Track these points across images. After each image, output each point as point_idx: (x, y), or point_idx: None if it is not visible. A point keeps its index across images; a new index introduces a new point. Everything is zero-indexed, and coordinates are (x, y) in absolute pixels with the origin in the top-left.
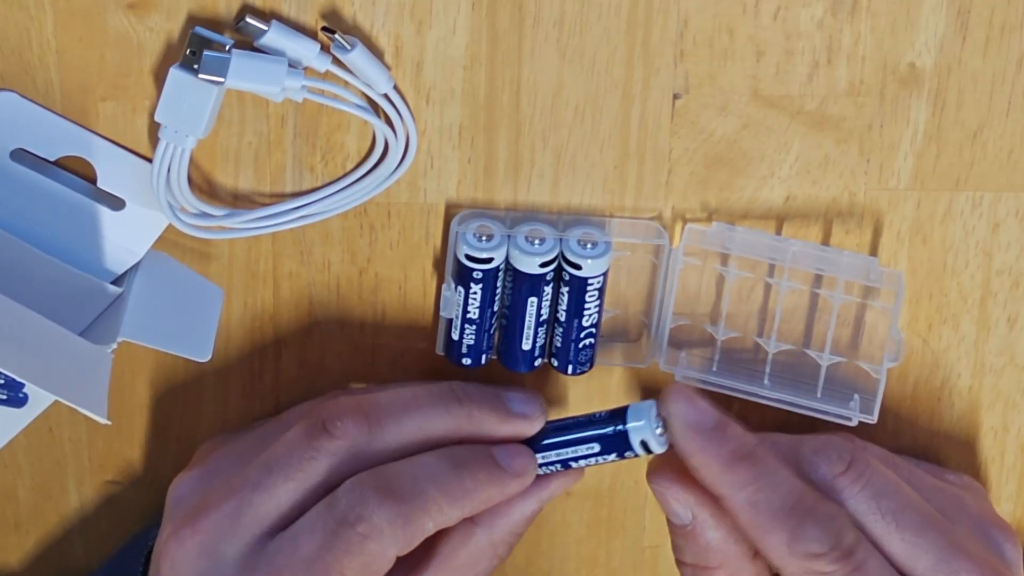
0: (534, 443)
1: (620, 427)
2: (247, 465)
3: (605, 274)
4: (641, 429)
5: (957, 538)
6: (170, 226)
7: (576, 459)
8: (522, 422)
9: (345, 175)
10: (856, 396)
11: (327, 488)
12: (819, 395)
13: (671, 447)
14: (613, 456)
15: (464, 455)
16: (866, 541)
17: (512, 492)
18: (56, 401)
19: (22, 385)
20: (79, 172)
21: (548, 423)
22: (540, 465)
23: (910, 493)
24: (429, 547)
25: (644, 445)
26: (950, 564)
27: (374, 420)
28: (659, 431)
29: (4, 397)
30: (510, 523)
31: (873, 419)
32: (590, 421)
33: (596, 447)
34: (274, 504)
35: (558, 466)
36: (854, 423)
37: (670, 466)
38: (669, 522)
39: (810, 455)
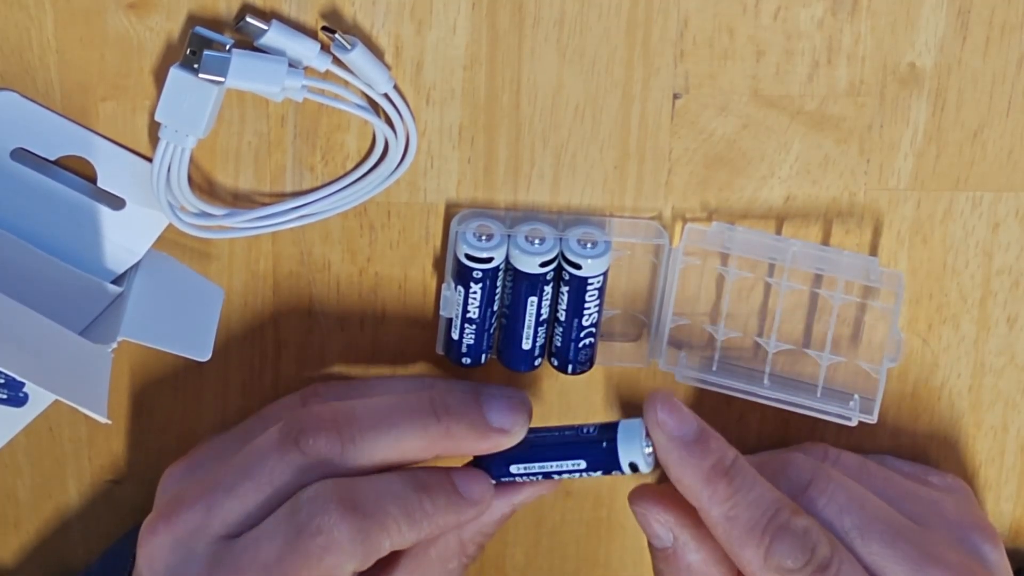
0: (518, 453)
1: (609, 445)
2: (225, 463)
3: (605, 274)
4: (631, 451)
5: (931, 546)
6: (170, 226)
7: (560, 473)
8: (501, 437)
9: (345, 175)
10: (856, 396)
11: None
12: (819, 395)
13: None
14: (599, 473)
15: (425, 479)
16: (843, 551)
17: (468, 519)
18: (56, 400)
19: (22, 384)
20: (79, 172)
21: (532, 431)
22: (521, 475)
23: (877, 505)
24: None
25: (633, 467)
26: (923, 573)
27: (347, 437)
28: (648, 451)
29: (4, 396)
30: (479, 523)
31: (873, 419)
32: (577, 436)
33: (582, 463)
34: (241, 508)
35: (539, 477)
36: (854, 423)
37: (651, 489)
38: (650, 546)
39: (771, 477)
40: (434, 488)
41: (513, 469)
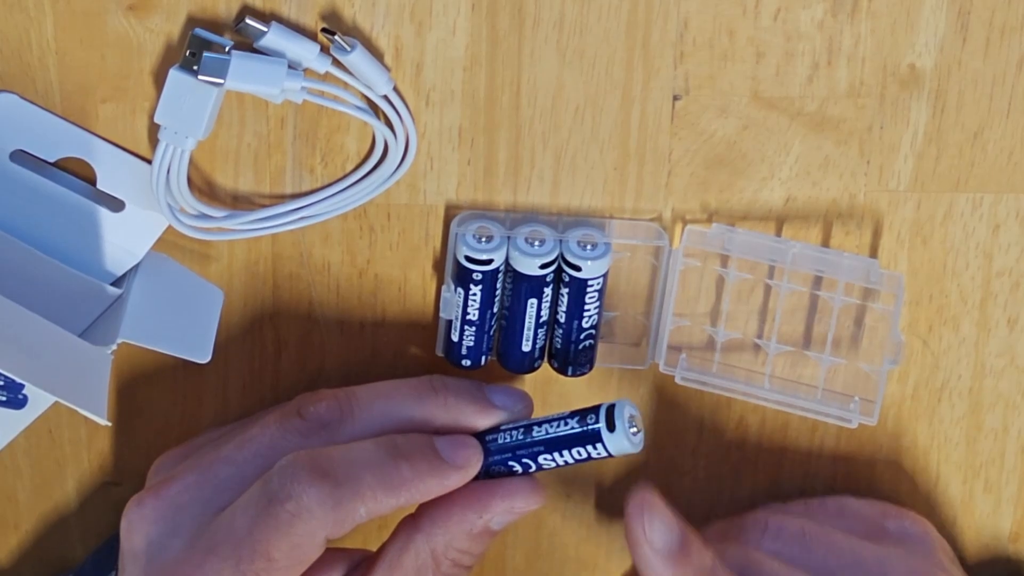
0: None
1: (591, 410)
2: (222, 444)
3: (605, 275)
4: (615, 408)
5: None
6: (170, 227)
7: (541, 423)
8: (503, 415)
9: (345, 176)
10: (856, 398)
11: None
12: (819, 397)
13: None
14: (575, 423)
15: (404, 444)
16: None
17: (452, 484)
18: (56, 402)
19: (22, 386)
20: (79, 173)
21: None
22: (505, 430)
23: None
24: (375, 556)
25: (610, 422)
26: None
27: (347, 408)
28: (633, 431)
29: (4, 398)
30: (449, 534)
31: (873, 421)
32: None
33: (564, 412)
34: (238, 478)
35: (517, 464)
36: (854, 425)
37: None
38: None
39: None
40: (413, 453)
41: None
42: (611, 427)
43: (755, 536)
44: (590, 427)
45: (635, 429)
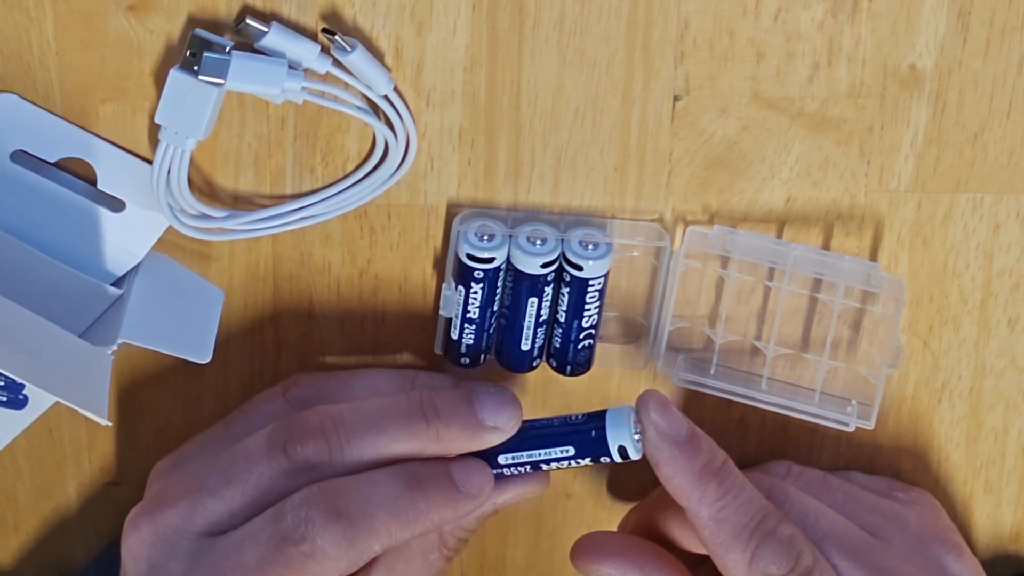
0: (506, 443)
1: (597, 432)
2: (210, 463)
3: (606, 275)
4: (620, 435)
5: (888, 559)
6: (170, 228)
7: (548, 461)
8: (493, 435)
9: (345, 176)
10: (853, 401)
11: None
12: (817, 400)
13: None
14: (587, 460)
15: (421, 474)
16: (824, 562)
17: (466, 512)
18: (56, 403)
19: (22, 387)
20: (79, 174)
21: (523, 423)
22: (509, 465)
23: (835, 520)
24: None
25: (622, 451)
26: None
27: (335, 443)
28: (637, 437)
29: (4, 399)
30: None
31: (870, 425)
32: (565, 424)
33: (571, 450)
34: (226, 510)
35: (527, 467)
36: (851, 428)
37: (591, 544)
38: None
39: None
40: (430, 485)
41: (501, 460)
42: (624, 455)
43: (779, 476)
44: (600, 456)
45: (638, 436)
